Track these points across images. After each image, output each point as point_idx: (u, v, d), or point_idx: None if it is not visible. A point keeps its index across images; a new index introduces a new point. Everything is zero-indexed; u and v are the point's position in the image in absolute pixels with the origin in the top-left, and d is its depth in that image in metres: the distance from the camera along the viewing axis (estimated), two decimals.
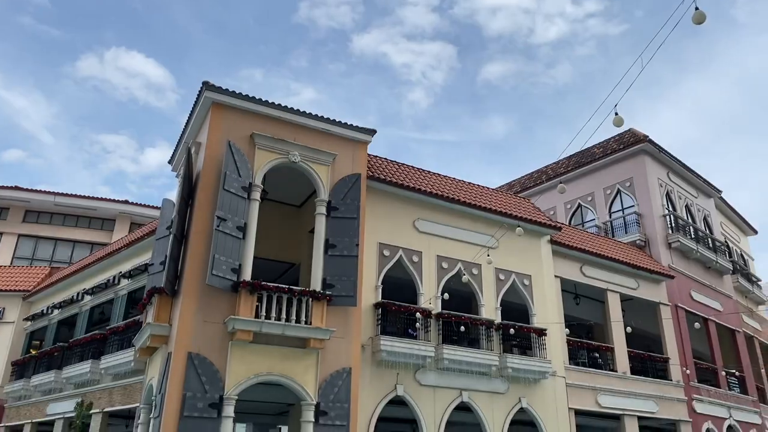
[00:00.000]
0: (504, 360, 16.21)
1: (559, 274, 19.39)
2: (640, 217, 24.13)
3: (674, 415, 20.43)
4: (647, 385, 20.08)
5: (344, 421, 13.08)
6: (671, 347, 21.55)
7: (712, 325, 24.17)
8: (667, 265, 23.07)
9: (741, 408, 23.63)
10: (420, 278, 16.14)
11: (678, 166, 26.28)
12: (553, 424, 16.79)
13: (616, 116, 6.86)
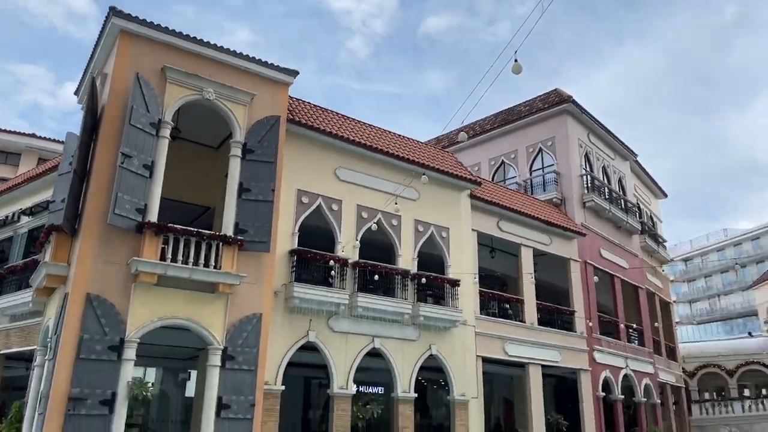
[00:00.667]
0: (417, 308, 16.54)
1: (476, 227, 19.79)
2: (559, 176, 24.87)
3: (576, 364, 21.68)
4: (553, 335, 21.12)
5: (252, 366, 13.04)
6: (578, 301, 22.67)
7: (617, 281, 25.55)
8: (580, 224, 24.01)
9: (637, 359, 25.37)
10: (338, 227, 16.04)
11: (598, 128, 27.10)
12: (460, 371, 17.43)
13: (515, 63, 6.82)
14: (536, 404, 19.77)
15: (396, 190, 15.64)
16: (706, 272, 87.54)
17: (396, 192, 15.57)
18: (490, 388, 26.89)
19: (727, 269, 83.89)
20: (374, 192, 17.05)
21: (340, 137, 16.39)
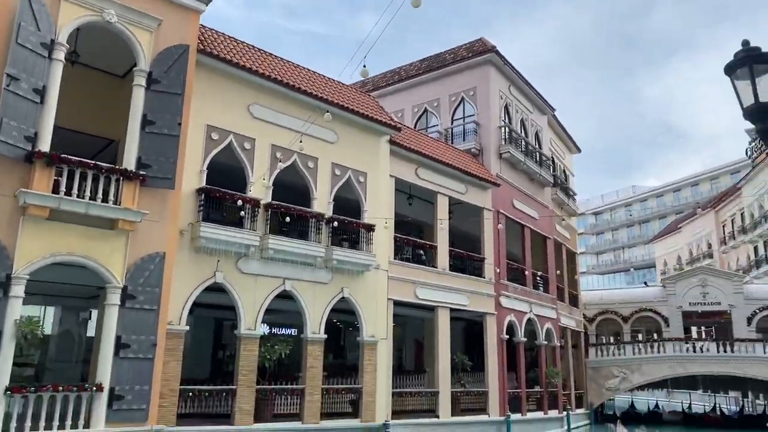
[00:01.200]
0: (330, 252, 16.54)
1: (394, 173, 19.83)
2: (479, 126, 25.19)
3: (483, 308, 22.60)
4: (462, 281, 21.83)
5: (154, 305, 12.69)
6: (488, 248, 23.44)
7: (527, 231, 26.57)
8: (496, 174, 24.59)
9: (541, 304, 26.77)
10: (251, 166, 15.58)
11: (519, 81, 27.49)
12: (371, 313, 17.76)
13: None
14: (443, 345, 20.54)
15: (303, 128, 15.17)
16: (613, 226, 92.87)
17: (303, 129, 15.10)
18: (403, 330, 27.83)
19: (632, 224, 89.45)
20: (290, 132, 16.55)
21: (255, 72, 15.71)
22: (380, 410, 17.35)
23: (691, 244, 60.04)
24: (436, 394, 19.91)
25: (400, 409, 18.73)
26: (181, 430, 13.05)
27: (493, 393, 22.14)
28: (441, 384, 20.09)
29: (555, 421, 26.44)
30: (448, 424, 19.81)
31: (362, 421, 16.80)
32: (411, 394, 19.37)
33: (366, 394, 17.07)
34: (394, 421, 17.76)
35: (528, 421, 24.10)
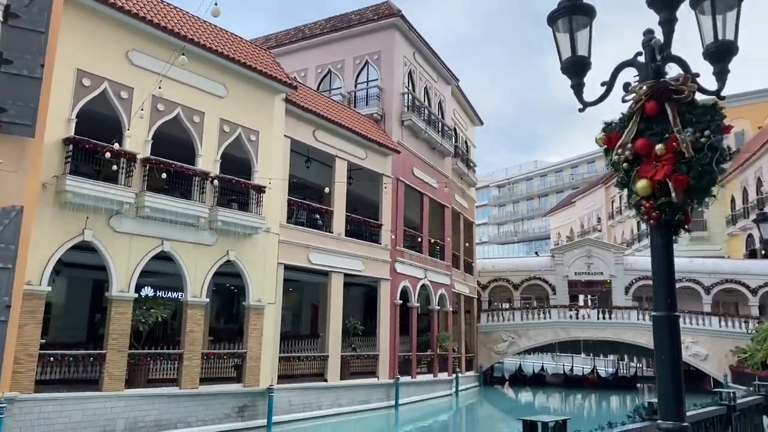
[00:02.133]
0: (215, 213, 15.82)
1: (290, 134, 19.21)
2: (382, 91, 24.91)
3: (378, 273, 22.71)
4: (358, 246, 21.76)
5: (9, 264, 11.57)
6: (386, 215, 23.47)
7: (426, 199, 26.84)
8: (397, 141, 24.51)
9: (436, 271, 27.32)
10: (127, 117, 14.45)
11: (425, 49, 27.37)
12: (259, 277, 17.28)
13: None
14: (335, 310, 20.48)
15: (163, 70, 14.12)
16: (514, 199, 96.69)
17: (163, 71, 14.03)
18: (300, 295, 27.61)
19: (532, 197, 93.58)
20: (175, 83, 15.52)
21: (134, 15, 14.47)
22: (265, 375, 17.06)
23: (582, 218, 63.65)
24: (326, 358, 19.88)
25: (288, 373, 18.58)
26: (38, 397, 12.13)
27: (384, 357, 22.45)
28: (331, 348, 20.07)
29: (444, 383, 27.35)
30: (336, 387, 19.89)
31: (245, 386, 16.46)
32: (299, 359, 19.23)
33: (250, 359, 16.70)
34: (279, 385, 17.57)
35: (417, 384, 24.74)
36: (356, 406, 20.65)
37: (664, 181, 2.60)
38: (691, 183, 2.55)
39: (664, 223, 2.68)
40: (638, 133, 2.73)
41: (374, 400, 21.62)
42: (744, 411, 4.46)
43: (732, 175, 40.53)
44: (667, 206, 2.62)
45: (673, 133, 2.58)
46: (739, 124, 46.37)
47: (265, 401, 16.79)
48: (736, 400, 4.11)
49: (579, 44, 2.98)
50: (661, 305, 2.76)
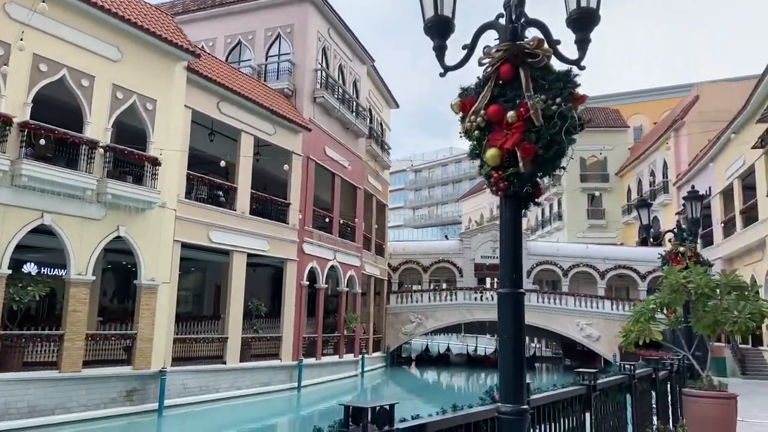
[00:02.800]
0: (104, 185, 14.75)
1: (191, 104, 18.24)
2: (293, 66, 24.20)
3: (284, 254, 22.20)
4: (264, 225, 21.13)
5: None
6: (295, 194, 22.94)
7: (338, 179, 26.51)
8: (308, 118, 23.95)
9: (346, 252, 27.13)
10: (2, 78, 13.08)
11: (341, 26, 26.84)
12: (153, 254, 16.38)
13: None
14: (237, 291, 19.84)
15: (26, 17, 12.87)
16: (430, 183, 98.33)
17: (26, 20, 12.81)
18: (203, 275, 26.63)
19: (446, 182, 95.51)
20: (62, 43, 14.31)
21: None
22: (157, 357, 16.25)
23: (492, 204, 65.58)
24: (225, 340, 19.25)
25: (184, 355, 17.83)
26: None
27: (288, 338, 22.07)
28: (231, 330, 19.44)
29: (350, 365, 27.36)
30: (236, 370, 19.33)
31: (134, 369, 15.60)
32: (197, 341, 18.49)
33: (141, 341, 15.83)
34: (173, 368, 16.82)
35: (322, 365, 24.57)
36: (257, 388, 20.18)
37: (513, 151, 2.45)
38: (539, 153, 2.41)
39: (513, 194, 2.53)
40: (492, 99, 2.56)
41: (276, 382, 21.24)
42: (605, 390, 4.53)
43: (629, 168, 42.97)
44: (515, 177, 2.46)
45: (525, 100, 2.42)
46: (638, 119, 49.23)
47: (156, 384, 16.01)
48: (596, 380, 4.14)
49: (443, 3, 2.76)
50: (506, 282, 2.62)
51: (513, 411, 2.41)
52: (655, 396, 6.49)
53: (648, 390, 6.22)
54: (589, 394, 4.08)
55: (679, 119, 34.05)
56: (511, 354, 2.50)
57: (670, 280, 6.78)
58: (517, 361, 2.48)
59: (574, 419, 3.93)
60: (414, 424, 2.38)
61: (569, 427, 3.87)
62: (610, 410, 4.70)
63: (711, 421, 6.48)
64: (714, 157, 27.31)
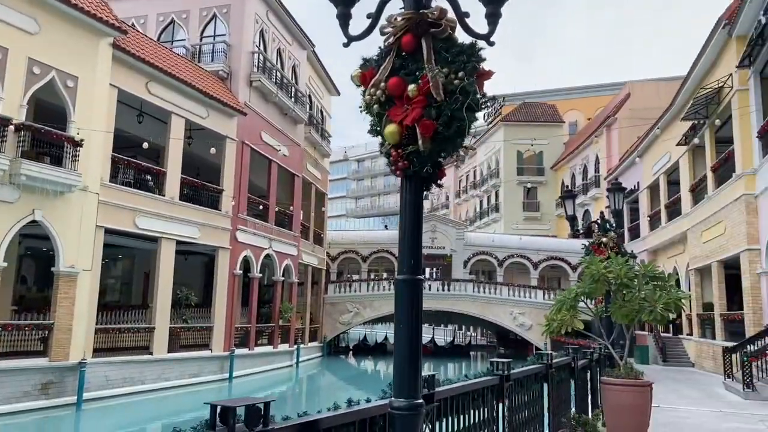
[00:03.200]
0: (18, 166, 13.78)
1: (117, 83, 17.32)
2: (229, 48, 23.42)
3: (216, 242, 21.55)
4: (194, 212, 20.42)
5: None
6: (228, 180, 22.27)
7: (274, 166, 25.94)
8: (244, 102, 23.26)
9: (282, 241, 26.63)
10: None
11: (280, 9, 26.17)
12: (73, 240, 15.49)
13: None
14: (165, 279, 19.10)
15: None
16: (373, 173, 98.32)
17: None
18: (131, 263, 25.55)
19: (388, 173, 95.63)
20: None
21: None
22: (77, 348, 15.42)
23: (432, 195, 66.18)
24: (152, 330, 18.52)
25: (106, 346, 17.02)
26: None
27: (219, 328, 21.48)
28: (159, 320, 18.73)
29: (285, 355, 26.99)
30: (163, 361, 18.65)
31: (51, 360, 14.74)
32: (121, 331, 17.69)
33: (59, 331, 14.97)
34: (95, 359, 16.04)
35: (256, 356, 24.10)
36: (186, 379, 19.56)
37: (413, 127, 2.27)
38: (438, 129, 2.24)
39: (413, 175, 2.36)
40: (393, 71, 2.37)
41: (206, 373, 20.66)
42: (520, 380, 4.48)
43: (563, 162, 44.17)
44: (415, 156, 2.29)
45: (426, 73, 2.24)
46: (573, 115, 50.66)
47: (75, 377, 15.21)
48: (510, 370, 4.06)
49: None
50: (404, 267, 2.45)
51: (407, 406, 2.25)
52: (573, 385, 6.58)
53: (567, 379, 6.29)
54: (501, 385, 3.99)
55: (611, 116, 35.20)
56: (407, 344, 2.33)
57: (592, 270, 6.85)
58: (413, 352, 2.32)
59: (485, 411, 3.83)
60: (300, 422, 2.18)
61: (481, 419, 3.77)
62: (525, 400, 4.66)
63: (627, 408, 6.59)
64: (642, 154, 28.35)
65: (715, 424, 9.07)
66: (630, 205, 31.35)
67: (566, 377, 6.27)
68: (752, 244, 16.57)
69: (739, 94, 17.01)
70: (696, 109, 19.24)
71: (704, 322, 21.44)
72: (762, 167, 15.92)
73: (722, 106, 18.44)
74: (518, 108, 48.89)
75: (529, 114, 48.22)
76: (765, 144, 15.69)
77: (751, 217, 16.57)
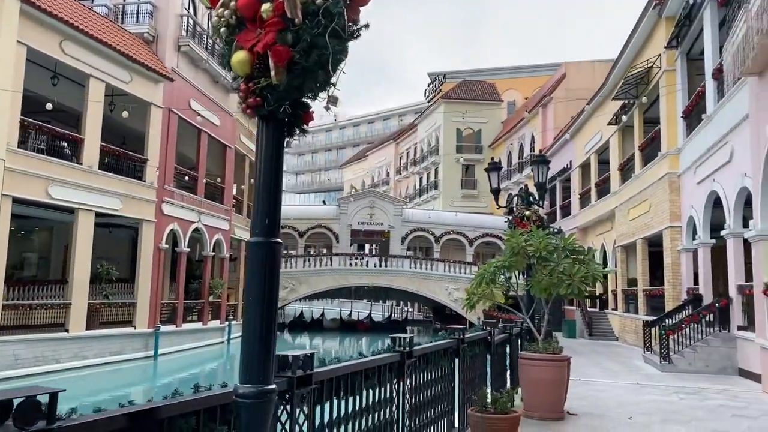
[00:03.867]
0: None
1: (26, 41, 15.93)
2: (155, 9, 22.06)
3: (140, 214, 20.49)
4: (116, 182, 19.29)
5: None
6: (153, 149, 21.14)
7: (204, 136, 24.85)
8: (171, 68, 22.04)
9: (212, 215, 25.68)
10: None
11: None
12: None
13: None
14: (82, 253, 18.01)
15: None
16: (314, 149, 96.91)
17: None
18: (49, 236, 24.05)
19: (330, 148, 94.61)
20: None
21: None
22: None
23: (373, 171, 65.89)
24: (68, 306, 17.47)
25: (17, 323, 15.94)
26: None
27: (144, 305, 20.55)
28: (76, 295, 17.68)
29: (216, 332, 26.25)
30: (80, 338, 17.67)
31: None
32: (32, 307, 16.57)
33: None
34: (1, 337, 14.95)
35: (184, 332, 23.29)
36: (106, 357, 18.65)
37: (266, 55, 1.87)
38: (295, 58, 1.85)
39: (268, 115, 1.96)
40: None
41: (129, 351, 19.77)
42: (426, 357, 4.20)
43: (501, 140, 44.64)
44: (268, 91, 1.89)
45: None
46: (512, 95, 51.17)
47: None
48: (412, 346, 3.77)
49: None
50: (257, 229, 2.06)
51: (253, 393, 1.87)
52: (490, 360, 6.43)
53: (482, 354, 6.11)
54: (402, 362, 3.69)
55: (547, 95, 35.67)
56: (259, 319, 1.95)
57: (512, 243, 6.67)
58: (265, 329, 1.94)
59: (383, 391, 3.52)
60: (95, 418, 1.72)
61: (377, 401, 3.45)
62: (431, 378, 4.40)
63: (543, 383, 6.51)
64: (575, 133, 28.86)
65: (631, 397, 9.25)
66: (563, 183, 32.04)
67: (481, 352, 6.09)
68: (674, 221, 17.09)
69: (667, 75, 17.37)
70: (626, 89, 19.57)
71: (628, 297, 22.17)
72: (686, 147, 16.36)
73: (651, 86, 18.82)
74: (458, 85, 48.95)
75: (469, 92, 48.37)
76: (689, 124, 16.10)
77: (674, 195, 17.06)
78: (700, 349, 12.96)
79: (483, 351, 6.07)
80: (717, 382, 11.31)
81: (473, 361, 5.63)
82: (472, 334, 5.66)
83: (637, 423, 7.03)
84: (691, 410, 8.11)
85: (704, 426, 7.04)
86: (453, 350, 4.86)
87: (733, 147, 12.25)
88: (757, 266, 10.48)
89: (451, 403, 4.96)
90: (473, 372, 5.63)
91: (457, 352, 4.92)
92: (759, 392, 10.20)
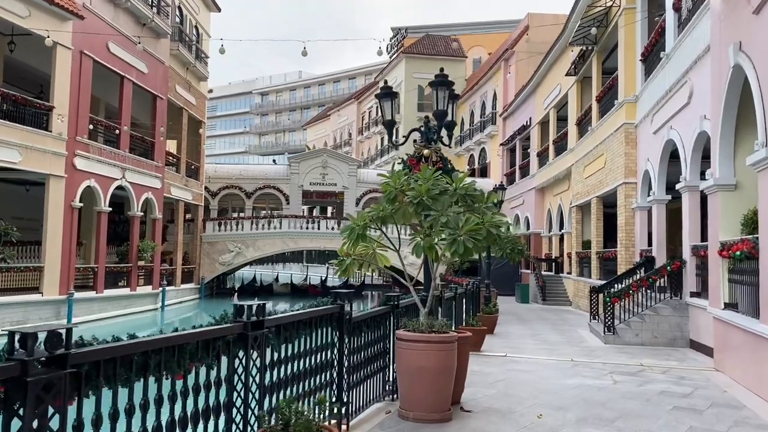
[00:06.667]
0: None
1: None
2: None
3: (45, 168, 18.26)
4: (14, 131, 17.00)
5: None
6: (62, 96, 18.80)
7: (128, 84, 22.47)
8: (82, 4, 19.52)
9: (140, 171, 23.49)
10: None
11: None
12: None
13: None
14: None
15: None
16: (277, 109, 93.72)
17: None
18: None
19: (294, 108, 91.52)
20: None
21: None
22: None
23: (336, 132, 63.56)
24: None
25: None
26: None
27: (53, 269, 18.53)
28: None
29: (148, 298, 24.38)
30: None
31: None
32: None
33: None
34: None
35: (106, 299, 21.38)
36: (6, 327, 16.65)
37: None
38: None
39: None
40: None
41: (35, 320, 17.82)
42: (284, 326, 2.56)
43: (464, 98, 42.73)
44: None
45: None
46: (478, 51, 49.08)
47: None
48: (259, 316, 2.16)
49: None
50: None
51: None
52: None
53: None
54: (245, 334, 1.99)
55: (509, 49, 33.78)
56: None
57: (388, 188, 4.98)
58: None
59: None
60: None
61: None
62: None
63: (425, 372, 4.88)
64: (535, 88, 27.17)
65: (556, 380, 7.69)
66: (522, 142, 30.49)
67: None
68: (629, 177, 15.63)
69: (627, 13, 15.65)
70: (583, 33, 17.82)
71: (582, 260, 20.91)
72: (643, 93, 14.77)
73: (610, 27, 17.10)
74: (421, 40, 46.64)
75: (433, 47, 46.15)
76: (648, 67, 14.48)
77: (629, 147, 15.55)
78: (648, 318, 11.61)
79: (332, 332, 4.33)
80: (663, 358, 9.93)
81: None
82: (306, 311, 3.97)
83: (545, 424, 5.41)
84: (622, 400, 6.56)
85: (632, 428, 5.45)
86: (338, 315, 3.13)
87: (692, 86, 10.66)
88: (713, 222, 9.02)
89: None
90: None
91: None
92: (710, 370, 8.83)
